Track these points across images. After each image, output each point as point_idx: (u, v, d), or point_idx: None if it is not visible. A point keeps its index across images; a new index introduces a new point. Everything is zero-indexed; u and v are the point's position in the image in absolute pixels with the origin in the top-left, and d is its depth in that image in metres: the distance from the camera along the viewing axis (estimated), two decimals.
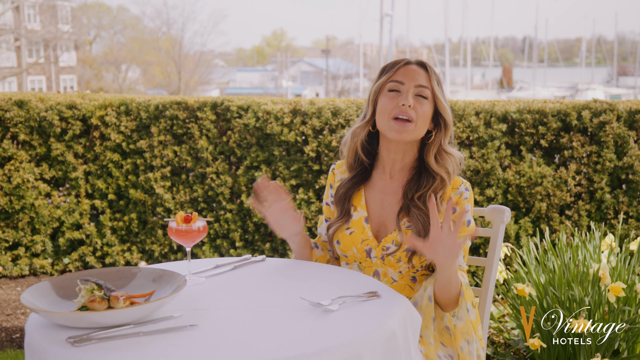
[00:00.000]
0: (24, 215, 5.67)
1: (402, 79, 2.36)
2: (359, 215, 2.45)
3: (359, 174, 2.50)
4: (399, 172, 2.46)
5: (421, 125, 2.36)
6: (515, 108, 4.79)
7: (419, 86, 2.35)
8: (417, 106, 2.34)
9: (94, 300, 1.79)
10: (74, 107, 5.59)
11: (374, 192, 2.48)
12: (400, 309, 1.90)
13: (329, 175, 2.61)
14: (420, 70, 2.38)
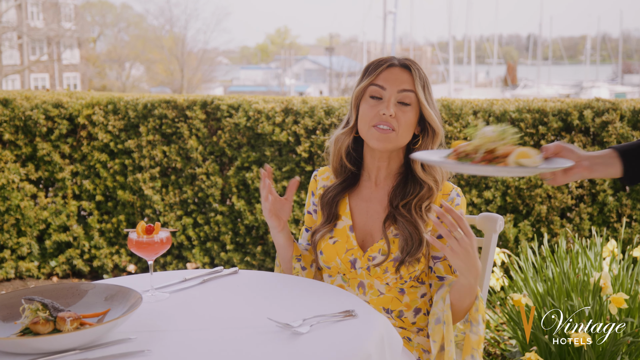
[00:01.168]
0: (10, 217, 5.51)
1: (383, 83, 2.20)
2: (344, 224, 2.30)
3: (347, 179, 2.35)
4: (385, 179, 2.31)
5: (404, 133, 2.20)
6: (514, 107, 4.60)
7: (401, 91, 2.18)
8: (399, 114, 2.17)
9: (38, 322, 1.62)
10: (60, 106, 5.43)
11: (359, 200, 2.33)
12: (377, 329, 1.73)
13: (311, 183, 2.46)
14: (404, 73, 2.21)
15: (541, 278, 3.32)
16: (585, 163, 1.82)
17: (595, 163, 1.83)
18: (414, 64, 2.24)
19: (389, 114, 2.15)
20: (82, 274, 5.71)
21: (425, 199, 2.22)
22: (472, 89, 42.89)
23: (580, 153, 1.84)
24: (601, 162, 1.83)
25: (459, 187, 4.64)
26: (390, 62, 2.23)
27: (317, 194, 2.41)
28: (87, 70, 42.21)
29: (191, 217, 5.36)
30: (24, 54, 36.20)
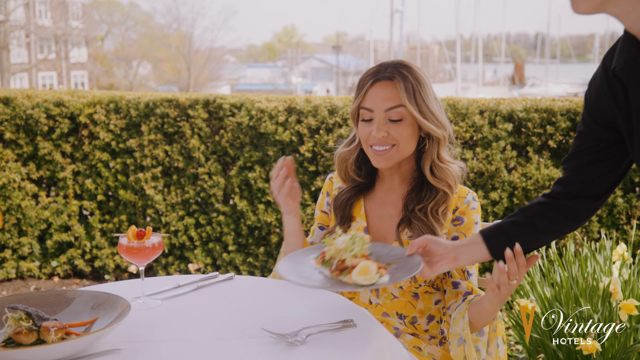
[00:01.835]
0: (11, 217, 5.45)
1: (370, 105, 2.12)
2: (358, 226, 2.26)
3: (361, 184, 2.30)
4: (399, 184, 2.26)
5: (405, 146, 2.14)
6: (521, 107, 4.51)
7: (389, 110, 2.10)
8: (392, 131, 2.11)
9: (20, 332, 1.55)
10: (61, 105, 5.37)
11: (373, 203, 2.29)
12: (378, 341, 1.65)
13: (327, 183, 2.40)
14: (389, 87, 2.11)
15: (549, 282, 3.23)
16: (450, 255, 1.90)
17: (461, 252, 1.91)
18: (399, 72, 2.11)
19: (379, 137, 2.10)
20: (83, 274, 5.65)
21: (441, 203, 2.16)
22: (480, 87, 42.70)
23: (446, 244, 1.92)
24: (466, 250, 1.91)
25: None
26: (375, 78, 2.13)
27: (332, 194, 2.36)
28: (95, 69, 42.24)
29: (193, 217, 5.29)
30: (31, 53, 36.25)
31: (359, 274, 1.77)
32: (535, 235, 1.88)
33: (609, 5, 1.48)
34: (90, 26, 40.68)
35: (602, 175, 1.79)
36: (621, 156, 1.77)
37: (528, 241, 1.87)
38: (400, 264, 1.88)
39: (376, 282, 1.78)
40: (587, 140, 1.77)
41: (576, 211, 1.84)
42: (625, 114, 1.61)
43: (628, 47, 1.53)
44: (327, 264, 1.86)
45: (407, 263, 1.88)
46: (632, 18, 1.49)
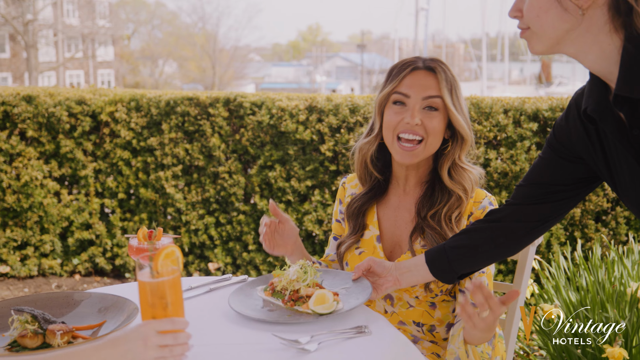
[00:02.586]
0: (33, 214, 5.47)
1: (407, 90, 2.05)
2: (371, 234, 2.18)
3: (374, 188, 2.22)
4: (414, 187, 2.18)
5: (433, 141, 2.06)
6: (547, 106, 4.41)
7: (427, 98, 2.04)
8: (425, 121, 2.03)
9: (25, 336, 1.51)
10: (83, 103, 5.37)
11: (387, 209, 2.21)
12: (391, 347, 1.59)
13: (339, 190, 2.34)
14: (429, 77, 2.05)
15: (574, 287, 3.14)
16: (393, 276, 1.94)
17: (403, 274, 1.94)
18: (439, 65, 2.07)
19: (414, 123, 2.02)
20: (104, 272, 5.65)
21: (454, 208, 2.07)
22: (506, 86, 42.29)
23: (389, 266, 1.96)
24: (408, 272, 1.94)
25: (488, 188, 4.47)
26: (414, 65, 2.07)
27: (345, 202, 2.29)
28: (121, 67, 42.58)
29: (213, 216, 5.26)
30: (59, 51, 36.59)
31: (316, 303, 1.79)
32: (474, 258, 1.89)
33: (564, 46, 1.48)
34: (116, 25, 41.03)
35: (558, 209, 1.79)
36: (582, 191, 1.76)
37: (468, 264, 1.90)
38: (350, 289, 1.92)
39: (335, 310, 1.79)
40: (549, 173, 1.75)
41: (520, 234, 1.85)
42: (600, 153, 1.60)
43: (596, 88, 1.52)
44: (278, 295, 1.86)
45: (356, 287, 1.92)
46: (590, 58, 1.48)
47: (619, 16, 1.41)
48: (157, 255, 1.48)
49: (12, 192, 5.47)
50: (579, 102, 1.63)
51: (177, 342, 1.41)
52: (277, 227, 2.16)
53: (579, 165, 1.69)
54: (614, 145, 1.54)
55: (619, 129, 1.48)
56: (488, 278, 2.04)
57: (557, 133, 1.71)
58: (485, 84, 36.71)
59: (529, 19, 1.48)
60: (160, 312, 1.46)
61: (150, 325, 1.39)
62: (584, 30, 1.45)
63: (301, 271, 1.87)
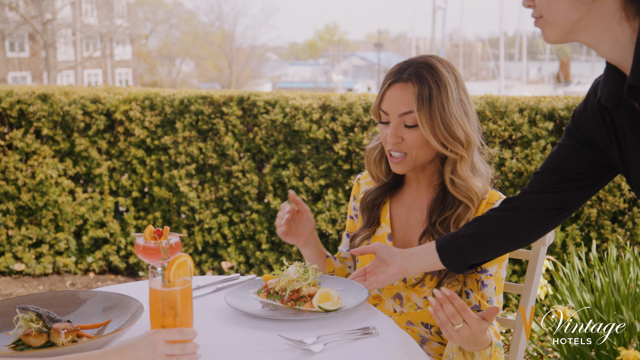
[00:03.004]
0: (48, 212, 5.50)
1: (386, 108, 2.02)
2: (382, 232, 2.16)
3: (388, 183, 2.20)
4: (426, 189, 2.15)
5: (419, 152, 2.02)
6: (563, 105, 4.36)
7: (402, 115, 1.99)
8: (406, 137, 2.00)
9: (30, 334, 1.51)
10: (97, 101, 5.38)
11: (400, 207, 2.18)
12: (398, 349, 1.57)
13: (354, 187, 2.32)
14: (405, 91, 1.97)
15: (588, 288, 3.10)
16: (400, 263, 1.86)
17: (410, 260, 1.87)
18: (418, 75, 1.96)
19: (393, 142, 2.00)
20: (118, 270, 5.67)
21: (463, 216, 2.03)
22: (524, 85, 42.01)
23: (396, 252, 1.89)
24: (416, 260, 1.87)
25: (503, 188, 4.43)
26: (394, 78, 2.00)
27: (359, 198, 2.27)
28: (139, 66, 42.78)
29: (227, 215, 5.26)
30: (77, 51, 36.83)
31: (320, 300, 1.78)
32: (486, 247, 1.83)
33: (578, 34, 1.47)
34: (134, 24, 41.24)
35: (574, 198, 1.74)
36: (599, 181, 1.73)
37: (480, 253, 1.84)
38: (345, 291, 1.91)
39: (341, 307, 1.78)
40: (567, 161, 1.72)
41: (534, 224, 1.79)
42: (615, 143, 1.58)
43: (612, 77, 1.49)
44: (275, 297, 1.85)
45: (350, 288, 1.91)
46: (604, 47, 1.45)
47: (632, 3, 1.38)
48: (170, 264, 1.49)
49: (27, 190, 5.50)
50: (597, 90, 1.60)
51: (184, 352, 1.41)
52: (295, 215, 2.14)
53: (596, 153, 1.67)
54: (628, 136, 1.52)
55: (632, 119, 1.45)
56: (496, 282, 2.00)
57: (575, 120, 1.69)
58: (503, 83, 36.48)
59: (541, 7, 1.47)
60: (170, 321, 1.47)
61: (159, 335, 1.41)
62: (596, 19, 1.42)
63: (301, 271, 1.85)
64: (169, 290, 1.46)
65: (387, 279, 1.86)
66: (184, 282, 1.49)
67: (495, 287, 2.00)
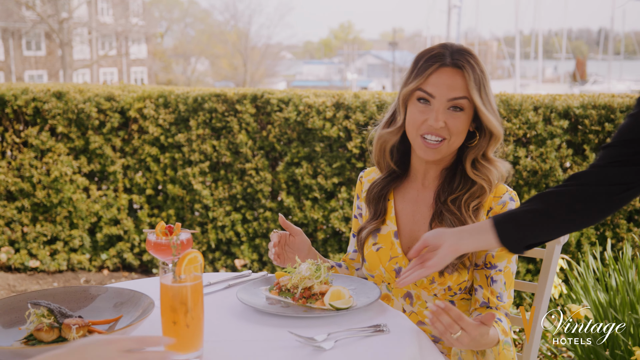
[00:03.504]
0: (62, 209, 5.53)
1: (432, 90, 1.95)
2: (388, 229, 2.12)
3: (393, 173, 2.16)
4: (433, 180, 2.11)
5: (455, 139, 1.99)
6: (578, 103, 4.32)
7: (453, 99, 1.95)
8: (449, 122, 1.95)
9: (41, 329, 1.51)
10: (112, 99, 5.41)
11: (405, 202, 2.14)
12: (409, 348, 1.56)
13: (357, 185, 2.29)
14: (457, 76, 1.96)
15: (603, 287, 3.07)
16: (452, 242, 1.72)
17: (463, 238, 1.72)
18: (467, 62, 1.97)
19: (438, 127, 1.94)
20: (132, 268, 5.69)
21: (475, 197, 2.00)
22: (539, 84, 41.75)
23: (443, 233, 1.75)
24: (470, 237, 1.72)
25: (517, 186, 4.40)
26: (441, 62, 1.97)
27: (363, 197, 2.24)
28: (154, 65, 42.92)
29: (240, 212, 5.27)
30: (93, 49, 37.01)
31: (332, 298, 1.77)
32: (549, 225, 1.69)
33: None
34: (150, 23, 41.37)
35: None
36: None
37: (541, 231, 1.69)
38: (357, 290, 1.90)
39: (352, 305, 1.77)
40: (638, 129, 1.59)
41: (600, 201, 1.64)
42: None
43: None
44: (287, 294, 1.85)
45: (363, 287, 1.92)
46: None
47: None
48: (181, 260, 1.48)
49: (42, 187, 5.53)
50: None
51: None
52: (288, 240, 2.12)
53: None
54: None
55: None
56: (506, 277, 1.98)
57: None
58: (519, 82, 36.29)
59: None
60: (181, 317, 1.46)
61: (115, 345, 1.21)
62: None
63: (313, 268, 1.84)
64: (180, 285, 1.46)
65: (438, 262, 1.73)
66: (195, 277, 1.49)
67: (505, 283, 1.98)
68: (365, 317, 1.73)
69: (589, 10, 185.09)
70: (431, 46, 2.04)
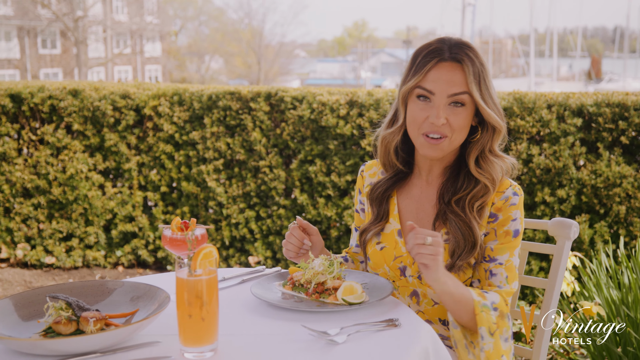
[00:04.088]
0: (78, 206, 5.58)
1: (432, 86, 1.94)
2: (392, 228, 2.11)
3: (398, 174, 2.14)
4: (437, 177, 2.10)
5: (457, 136, 1.97)
6: (592, 101, 4.32)
7: (453, 95, 1.93)
8: (451, 118, 1.93)
9: (60, 322, 1.55)
10: (127, 97, 5.45)
11: (408, 200, 2.12)
12: (421, 342, 1.58)
13: (358, 180, 2.28)
14: (456, 70, 1.93)
15: (615, 285, 3.07)
16: None
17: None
18: (467, 55, 1.94)
19: (439, 124, 1.92)
20: (146, 265, 5.74)
21: (479, 196, 1.98)
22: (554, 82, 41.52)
23: None
24: None
25: (530, 184, 4.40)
26: (439, 57, 1.94)
27: (365, 192, 2.23)
28: (168, 63, 43.08)
29: (254, 210, 5.30)
30: (108, 47, 37.21)
31: (344, 293, 1.80)
32: None
33: None
34: (164, 21, 41.52)
35: None
36: None
37: None
38: (368, 285, 1.93)
39: (364, 300, 1.80)
40: None
41: None
42: None
43: None
44: (301, 289, 1.88)
45: (376, 283, 1.95)
46: None
47: None
48: (196, 255, 1.51)
49: (58, 184, 5.59)
50: None
51: None
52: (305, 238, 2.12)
53: None
54: None
55: None
56: (508, 270, 1.96)
57: None
58: (533, 80, 36.11)
59: None
60: (197, 310, 1.49)
61: None
62: None
63: (326, 264, 1.86)
64: (195, 279, 1.49)
65: None
66: (210, 272, 1.51)
67: (507, 276, 1.96)
68: (377, 312, 1.75)
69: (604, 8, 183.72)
70: (429, 41, 2.01)
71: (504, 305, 1.91)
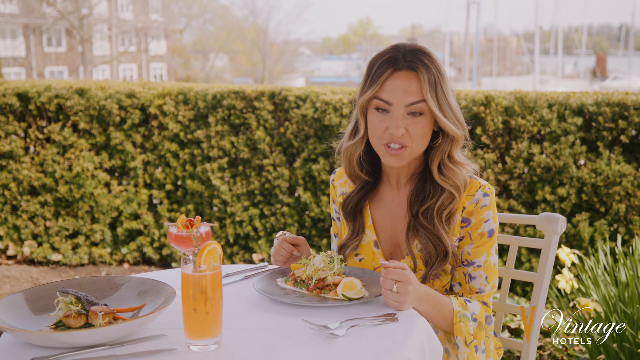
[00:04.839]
0: (84, 204, 5.65)
1: (388, 97, 1.91)
2: (368, 239, 2.11)
3: (367, 184, 2.12)
4: (406, 184, 2.08)
5: (418, 145, 1.95)
6: (592, 100, 4.37)
7: (410, 104, 1.91)
8: (410, 128, 1.91)
9: (69, 316, 1.61)
10: (133, 96, 5.52)
11: (381, 209, 2.11)
12: (418, 334, 1.64)
13: (330, 189, 2.27)
14: (411, 79, 1.90)
15: (612, 281, 3.12)
16: None
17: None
18: (422, 62, 1.91)
19: (398, 134, 1.90)
20: (151, 262, 5.80)
21: (446, 205, 1.98)
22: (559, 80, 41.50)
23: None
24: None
25: (531, 182, 4.44)
26: (395, 67, 1.91)
27: (338, 201, 2.22)
28: (173, 61, 43.15)
29: (258, 208, 5.36)
30: (113, 45, 37.30)
31: (344, 289, 1.84)
32: None
33: None
34: (169, 19, 41.59)
35: None
36: None
37: None
38: (367, 280, 1.97)
39: (364, 296, 1.85)
40: None
41: None
42: None
43: None
44: (302, 285, 1.93)
45: (375, 279, 1.98)
46: None
47: None
48: (201, 251, 1.58)
49: (64, 182, 5.66)
50: None
51: None
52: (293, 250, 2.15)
53: None
54: None
55: None
56: (487, 270, 1.98)
57: None
58: (538, 78, 36.09)
59: None
60: (201, 305, 1.55)
61: None
62: None
63: (327, 260, 1.91)
64: (200, 275, 1.55)
65: None
66: (214, 267, 1.57)
67: (486, 277, 1.98)
68: (376, 307, 1.81)
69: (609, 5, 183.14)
70: (384, 49, 1.99)
71: (483, 315, 1.95)
